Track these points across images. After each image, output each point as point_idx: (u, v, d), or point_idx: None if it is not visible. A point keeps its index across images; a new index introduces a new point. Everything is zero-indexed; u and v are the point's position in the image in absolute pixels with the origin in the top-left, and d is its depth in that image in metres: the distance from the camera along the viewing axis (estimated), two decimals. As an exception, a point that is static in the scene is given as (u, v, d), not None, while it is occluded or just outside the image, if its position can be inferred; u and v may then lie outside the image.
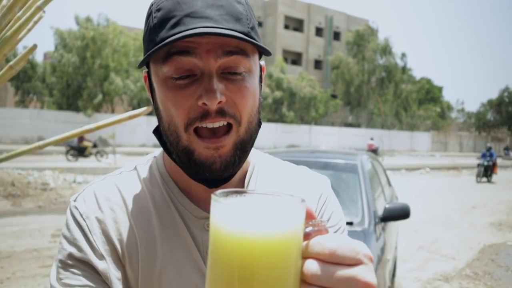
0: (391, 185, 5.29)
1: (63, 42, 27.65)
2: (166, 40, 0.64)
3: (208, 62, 0.65)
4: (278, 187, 0.82)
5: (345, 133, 37.55)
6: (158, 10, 0.67)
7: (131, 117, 1.55)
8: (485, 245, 6.88)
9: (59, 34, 27.76)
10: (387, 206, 3.34)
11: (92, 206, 0.73)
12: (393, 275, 4.42)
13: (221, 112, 0.66)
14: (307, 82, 35.57)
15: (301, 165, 0.91)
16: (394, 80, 40.53)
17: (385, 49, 40.56)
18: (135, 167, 0.81)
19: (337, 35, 48.43)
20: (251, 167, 0.82)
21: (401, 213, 3.31)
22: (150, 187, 0.77)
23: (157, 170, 0.79)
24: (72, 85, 28.03)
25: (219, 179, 0.71)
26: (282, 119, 34.27)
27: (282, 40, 44.32)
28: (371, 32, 40.66)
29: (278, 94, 33.45)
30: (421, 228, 7.89)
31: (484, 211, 10.27)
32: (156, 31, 0.67)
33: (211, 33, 0.62)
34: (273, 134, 32.61)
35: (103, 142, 24.54)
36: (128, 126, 26.99)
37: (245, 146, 0.71)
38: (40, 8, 1.37)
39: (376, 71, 40.40)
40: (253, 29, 0.69)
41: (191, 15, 0.64)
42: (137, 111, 1.55)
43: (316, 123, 38.65)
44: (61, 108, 28.99)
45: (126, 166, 0.82)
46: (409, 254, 6.14)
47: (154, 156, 0.83)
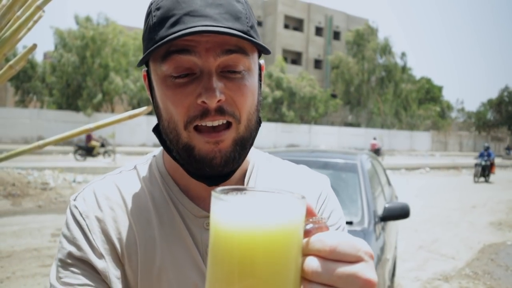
0: (391, 185, 5.29)
1: (62, 41, 27.65)
2: (165, 39, 0.64)
3: (207, 61, 0.65)
4: (277, 185, 0.82)
5: (345, 132, 37.55)
6: (158, 9, 0.68)
7: (130, 117, 1.55)
8: (485, 245, 6.88)
9: (58, 34, 27.76)
10: (387, 205, 3.34)
11: (92, 205, 0.73)
12: (393, 275, 4.42)
13: (221, 110, 0.66)
14: (307, 81, 35.55)
15: (301, 164, 0.91)
16: (394, 79, 40.51)
17: (385, 48, 40.53)
18: (135, 167, 0.81)
19: (337, 35, 48.42)
20: (250, 166, 0.82)
21: (401, 213, 3.31)
22: (150, 186, 0.78)
23: (157, 169, 0.79)
24: (72, 85, 28.03)
25: (219, 175, 0.71)
26: (282, 119, 34.27)
27: (282, 39, 44.31)
28: (371, 31, 40.63)
29: (278, 93, 33.45)
30: (421, 227, 7.89)
31: (484, 210, 10.27)
32: (155, 29, 0.67)
33: (211, 31, 0.62)
34: (273, 133, 32.61)
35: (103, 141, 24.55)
36: (128, 125, 26.98)
37: (244, 143, 0.71)
38: (39, 8, 1.37)
39: (376, 71, 40.37)
40: (252, 27, 0.69)
41: (191, 14, 0.64)
42: (137, 110, 1.55)
43: (316, 123, 38.65)
44: (61, 107, 28.99)
45: (126, 166, 0.83)
46: (409, 254, 6.14)
47: (153, 156, 0.83)
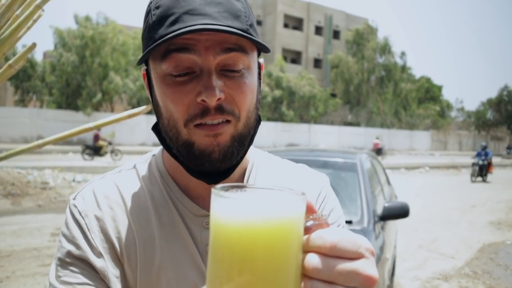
0: (391, 184, 5.29)
1: (62, 41, 27.60)
2: (165, 37, 0.64)
3: (207, 59, 0.65)
4: (277, 184, 0.82)
5: (345, 132, 37.56)
6: (157, 7, 0.68)
7: (130, 116, 1.55)
8: (484, 244, 6.89)
9: (58, 33, 27.72)
10: (386, 205, 3.34)
11: (91, 204, 0.73)
12: (392, 274, 4.42)
13: (220, 109, 0.66)
14: (307, 81, 35.54)
15: (300, 163, 0.91)
16: (394, 79, 40.52)
17: (384, 48, 40.53)
18: (134, 166, 0.81)
19: (336, 34, 48.41)
20: (250, 164, 0.82)
21: (400, 212, 3.31)
22: (149, 185, 0.78)
23: (156, 168, 0.80)
24: (72, 84, 28.00)
25: (218, 172, 0.71)
26: (281, 118, 34.27)
27: (281, 39, 44.29)
28: (371, 31, 40.63)
29: (277, 93, 33.44)
30: (421, 227, 7.90)
31: (484, 210, 10.27)
32: (155, 28, 0.67)
33: (210, 29, 0.62)
34: (272, 133, 32.61)
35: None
36: (127, 125, 26.99)
37: (242, 140, 0.71)
38: (39, 7, 1.37)
39: (375, 70, 40.37)
40: (252, 26, 0.69)
41: (190, 12, 0.64)
42: (137, 110, 1.55)
43: (315, 122, 38.65)
44: (60, 107, 28.98)
45: (125, 165, 0.83)
46: (408, 253, 6.15)
47: (153, 155, 0.83)
